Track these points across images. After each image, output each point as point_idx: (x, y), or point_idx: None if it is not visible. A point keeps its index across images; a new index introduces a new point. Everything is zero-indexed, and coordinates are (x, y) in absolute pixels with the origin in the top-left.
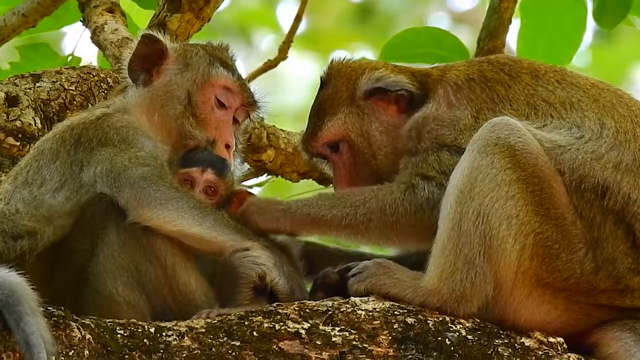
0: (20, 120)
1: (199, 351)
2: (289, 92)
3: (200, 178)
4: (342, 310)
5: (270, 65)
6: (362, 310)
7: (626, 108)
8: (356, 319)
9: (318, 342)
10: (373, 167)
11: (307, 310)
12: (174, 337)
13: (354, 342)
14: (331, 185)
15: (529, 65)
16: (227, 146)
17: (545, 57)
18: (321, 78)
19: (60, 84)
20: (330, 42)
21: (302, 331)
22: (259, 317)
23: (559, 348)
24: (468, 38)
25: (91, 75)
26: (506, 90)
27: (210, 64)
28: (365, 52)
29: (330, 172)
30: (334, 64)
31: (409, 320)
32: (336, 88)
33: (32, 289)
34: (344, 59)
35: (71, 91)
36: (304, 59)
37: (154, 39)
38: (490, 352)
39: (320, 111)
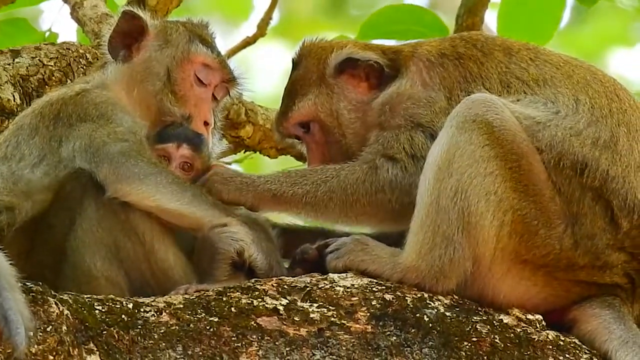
0: None
1: (177, 327)
2: (263, 81)
3: (176, 153)
4: (320, 286)
5: (249, 41)
6: (340, 286)
7: (600, 84)
8: (334, 296)
9: (296, 319)
10: (343, 145)
11: (286, 286)
12: (152, 312)
13: (332, 319)
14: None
15: (502, 42)
16: (206, 123)
17: (526, 34)
18: (293, 59)
19: (39, 59)
20: (305, 31)
21: (280, 307)
22: (237, 293)
23: (538, 325)
24: (444, 17)
25: (70, 51)
26: (479, 67)
27: (190, 41)
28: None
29: (305, 152)
30: (305, 44)
31: (387, 296)
32: (307, 68)
33: (10, 264)
34: (315, 39)
35: (50, 67)
36: (279, 48)
37: (134, 15)
38: (468, 329)
39: (291, 92)
